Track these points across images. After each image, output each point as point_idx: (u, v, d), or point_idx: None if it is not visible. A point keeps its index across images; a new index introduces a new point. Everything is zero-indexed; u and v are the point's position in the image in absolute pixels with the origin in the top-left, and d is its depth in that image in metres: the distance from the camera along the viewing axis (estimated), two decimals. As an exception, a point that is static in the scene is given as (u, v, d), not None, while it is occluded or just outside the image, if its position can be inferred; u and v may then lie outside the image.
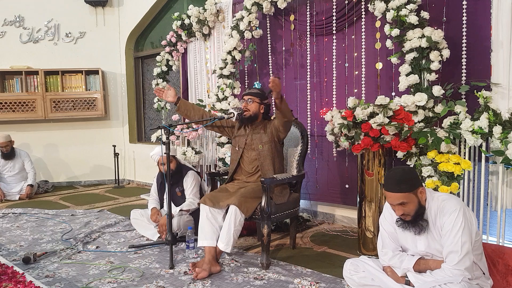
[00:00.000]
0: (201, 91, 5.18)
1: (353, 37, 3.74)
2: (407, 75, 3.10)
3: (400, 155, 2.94)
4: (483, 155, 2.78)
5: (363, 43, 3.66)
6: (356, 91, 3.75)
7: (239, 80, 4.56)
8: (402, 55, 3.16)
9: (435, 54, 2.98)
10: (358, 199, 3.18)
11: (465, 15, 3.06)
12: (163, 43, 5.42)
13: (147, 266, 2.96)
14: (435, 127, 2.87)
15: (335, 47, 3.89)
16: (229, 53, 4.37)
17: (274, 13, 4.26)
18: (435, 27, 3.05)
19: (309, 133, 3.95)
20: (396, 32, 3.15)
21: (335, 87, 3.92)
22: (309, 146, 3.99)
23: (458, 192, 2.74)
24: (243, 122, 3.24)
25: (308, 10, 4.03)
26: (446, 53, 3.00)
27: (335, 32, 3.86)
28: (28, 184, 5.57)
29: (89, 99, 6.36)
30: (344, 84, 3.85)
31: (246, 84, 4.67)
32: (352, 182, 3.81)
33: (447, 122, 2.85)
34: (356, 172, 3.33)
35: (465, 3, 3.05)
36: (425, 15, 3.09)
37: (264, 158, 3.13)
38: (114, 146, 6.39)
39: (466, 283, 1.87)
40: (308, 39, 4.09)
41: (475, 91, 2.86)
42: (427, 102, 2.95)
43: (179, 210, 3.49)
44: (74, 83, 6.40)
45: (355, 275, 2.19)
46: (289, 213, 3.20)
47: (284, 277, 2.71)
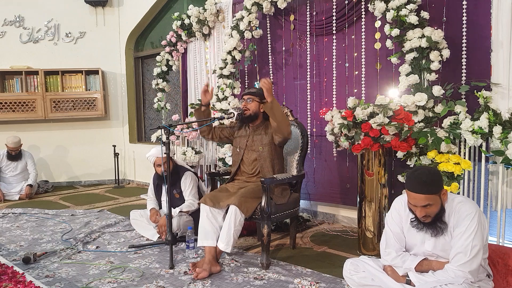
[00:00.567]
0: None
1: (353, 37, 3.75)
2: (407, 75, 3.10)
3: (400, 155, 2.94)
4: (483, 155, 2.78)
5: (363, 43, 3.66)
6: (356, 91, 3.75)
7: (239, 80, 4.56)
8: (402, 55, 3.17)
9: (435, 54, 2.98)
10: (358, 199, 3.18)
11: (465, 15, 3.06)
12: (163, 43, 5.42)
13: (147, 266, 2.96)
14: (435, 127, 2.87)
15: (335, 47, 3.89)
16: (229, 53, 4.37)
17: (274, 13, 4.26)
18: (435, 27, 3.05)
19: (309, 133, 3.95)
20: (396, 32, 3.15)
21: (335, 87, 3.92)
22: (309, 146, 3.99)
23: (458, 192, 2.74)
24: (243, 121, 3.24)
25: (308, 10, 4.04)
26: (446, 53, 3.01)
27: (335, 32, 3.86)
28: (27, 184, 5.56)
29: (89, 99, 6.36)
30: (344, 84, 3.85)
31: (246, 84, 4.67)
32: (352, 182, 3.81)
33: (447, 122, 2.85)
34: (356, 172, 3.33)
35: (465, 3, 3.05)
36: (425, 15, 3.09)
37: (264, 159, 3.13)
38: (114, 146, 6.39)
39: (467, 285, 1.86)
40: (308, 39, 4.09)
41: (475, 91, 2.86)
42: (427, 102, 2.95)
43: (179, 211, 3.48)
44: (74, 83, 6.40)
45: (355, 275, 2.18)
46: (289, 213, 3.20)
47: (284, 277, 2.71)
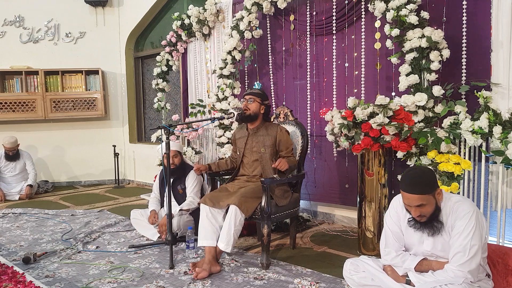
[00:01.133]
0: (201, 91, 5.18)
1: (353, 37, 3.74)
2: (407, 75, 3.10)
3: (400, 155, 2.94)
4: (483, 155, 2.78)
5: (363, 43, 3.66)
6: (356, 91, 3.75)
7: (239, 80, 4.56)
8: (402, 55, 3.16)
9: (435, 54, 2.98)
10: (358, 199, 3.18)
11: (465, 15, 3.06)
12: (163, 43, 5.42)
13: (147, 266, 2.96)
14: (435, 127, 2.87)
15: (335, 47, 3.89)
16: (229, 53, 4.36)
17: (274, 13, 4.26)
18: (435, 27, 3.05)
19: (309, 133, 3.95)
20: (396, 32, 3.15)
21: (335, 87, 3.92)
22: (309, 146, 3.99)
23: (458, 192, 2.74)
24: (243, 120, 3.24)
25: (308, 10, 4.03)
26: (446, 53, 3.00)
27: (335, 32, 3.86)
28: (27, 184, 5.56)
29: (89, 99, 6.36)
30: (344, 84, 3.85)
31: (246, 84, 4.67)
32: (352, 182, 3.81)
33: (447, 122, 2.85)
34: (356, 172, 3.33)
35: (465, 3, 3.05)
36: (425, 15, 3.09)
37: (266, 161, 3.13)
38: (114, 146, 6.39)
39: (467, 285, 1.86)
40: (308, 39, 4.09)
41: (475, 91, 2.86)
42: (427, 102, 2.95)
43: (179, 209, 3.49)
44: (74, 83, 6.40)
45: (355, 275, 2.19)
46: (289, 213, 3.20)
47: (284, 277, 2.71)
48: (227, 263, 2.97)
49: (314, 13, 4.00)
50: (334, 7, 3.81)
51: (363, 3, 3.60)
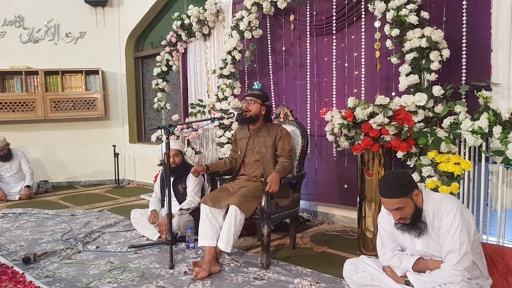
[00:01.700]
0: (201, 91, 5.18)
1: (353, 37, 3.74)
2: (407, 75, 3.09)
3: (400, 155, 2.94)
4: (483, 155, 2.78)
5: (363, 43, 3.66)
6: (356, 91, 3.75)
7: (239, 80, 4.56)
8: (402, 55, 3.16)
9: (435, 54, 2.98)
10: (358, 199, 3.18)
11: (465, 15, 3.06)
12: (163, 43, 5.42)
13: (147, 266, 2.96)
14: (435, 127, 2.87)
15: (335, 47, 3.88)
16: (229, 53, 4.36)
17: (274, 13, 4.26)
18: (435, 27, 3.05)
19: (309, 133, 3.95)
20: (396, 32, 3.14)
21: (335, 87, 3.91)
22: (309, 146, 3.99)
23: (458, 192, 2.74)
24: (243, 122, 3.24)
25: (308, 10, 4.03)
26: (446, 53, 3.00)
27: (335, 32, 3.86)
28: (25, 185, 5.55)
29: (89, 99, 6.36)
30: (344, 84, 3.85)
31: (246, 84, 4.67)
32: (352, 182, 3.80)
33: (447, 122, 2.85)
34: (356, 172, 3.33)
35: (465, 3, 3.05)
36: (425, 15, 3.09)
37: (267, 161, 3.14)
38: (114, 146, 6.38)
39: (465, 283, 1.87)
40: (308, 39, 4.09)
41: (475, 91, 2.86)
42: (427, 102, 2.95)
43: (179, 209, 3.49)
44: (74, 83, 6.40)
45: (355, 275, 2.19)
46: (289, 213, 3.20)
47: (284, 277, 2.71)
48: (227, 263, 2.97)
49: (314, 13, 4.00)
50: (334, 7, 3.81)
51: (363, 3, 3.60)
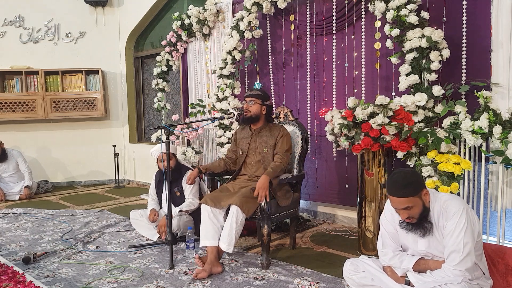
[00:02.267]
0: (201, 91, 5.18)
1: (353, 37, 3.74)
2: (407, 75, 3.10)
3: (400, 155, 2.94)
4: (483, 155, 2.78)
5: (363, 43, 3.66)
6: (356, 91, 3.75)
7: (239, 80, 4.56)
8: (402, 55, 3.16)
9: (435, 54, 2.98)
10: (358, 199, 3.18)
11: (465, 15, 3.06)
12: (163, 43, 5.42)
13: (147, 266, 2.96)
14: (435, 127, 2.87)
15: (335, 47, 3.88)
16: (229, 53, 4.36)
17: (274, 13, 4.26)
18: (435, 27, 3.05)
19: (309, 133, 3.95)
20: (396, 32, 3.14)
21: (335, 87, 3.91)
22: (309, 146, 3.99)
23: (458, 192, 2.74)
24: (244, 122, 3.24)
25: (308, 10, 4.03)
26: (446, 53, 3.00)
27: (335, 32, 3.86)
28: (25, 185, 5.54)
29: (89, 99, 6.36)
30: (344, 84, 3.85)
31: (246, 84, 4.67)
32: (352, 182, 3.80)
33: (447, 122, 2.85)
34: (356, 172, 3.33)
35: (465, 3, 3.05)
36: (425, 15, 3.09)
37: (268, 161, 3.13)
38: (114, 146, 6.39)
39: (466, 284, 1.87)
40: (308, 39, 4.09)
41: (475, 91, 2.86)
42: (427, 102, 2.95)
43: (179, 210, 3.48)
44: (74, 83, 6.40)
45: (355, 275, 2.19)
46: (289, 213, 3.20)
47: (284, 277, 2.71)
48: (227, 263, 2.97)
49: (314, 13, 4.00)
50: (334, 7, 3.81)
51: (363, 3, 3.60)
